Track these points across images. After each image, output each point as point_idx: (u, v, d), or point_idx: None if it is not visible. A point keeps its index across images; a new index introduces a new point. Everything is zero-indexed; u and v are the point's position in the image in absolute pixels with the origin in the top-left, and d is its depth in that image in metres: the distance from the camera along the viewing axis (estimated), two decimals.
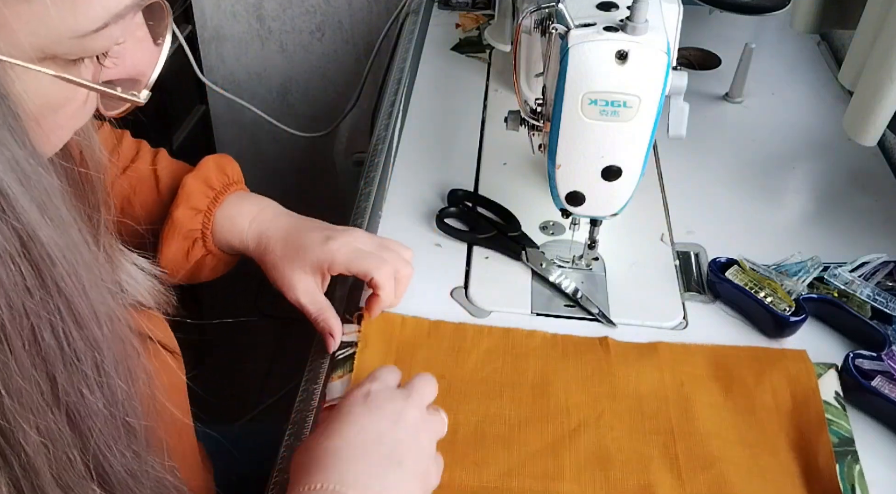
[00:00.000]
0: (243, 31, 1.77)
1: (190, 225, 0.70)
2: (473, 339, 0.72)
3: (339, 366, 0.70)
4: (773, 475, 0.62)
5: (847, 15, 0.92)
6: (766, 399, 0.67)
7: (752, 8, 1.00)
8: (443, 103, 1.06)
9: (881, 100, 0.73)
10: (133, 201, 0.72)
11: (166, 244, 0.70)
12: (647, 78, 0.61)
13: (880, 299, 0.71)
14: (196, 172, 0.72)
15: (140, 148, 0.75)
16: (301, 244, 0.71)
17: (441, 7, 1.28)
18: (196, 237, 0.71)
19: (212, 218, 0.71)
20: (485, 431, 0.65)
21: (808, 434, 0.64)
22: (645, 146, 0.65)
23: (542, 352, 0.71)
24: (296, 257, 0.70)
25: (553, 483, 0.62)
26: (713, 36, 1.18)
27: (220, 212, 0.72)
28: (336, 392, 0.68)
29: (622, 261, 0.81)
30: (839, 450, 0.63)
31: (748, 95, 1.05)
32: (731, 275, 0.76)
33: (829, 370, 0.69)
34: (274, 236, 0.72)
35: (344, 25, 1.73)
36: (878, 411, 0.66)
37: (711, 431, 0.65)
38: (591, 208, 0.71)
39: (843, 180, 0.93)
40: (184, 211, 0.70)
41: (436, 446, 0.59)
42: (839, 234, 0.84)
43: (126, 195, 0.72)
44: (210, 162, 0.73)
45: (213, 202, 0.71)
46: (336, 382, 0.69)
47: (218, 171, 0.73)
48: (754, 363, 0.70)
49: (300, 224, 0.73)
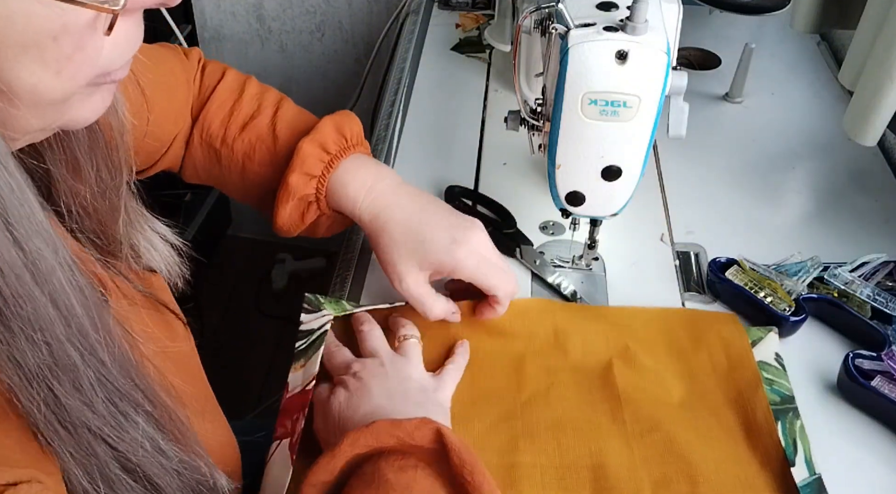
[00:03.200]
0: (243, 31, 1.77)
1: (304, 190, 0.70)
2: (428, 321, 0.73)
3: (300, 356, 0.71)
4: (715, 433, 0.64)
5: (847, 15, 0.92)
6: (703, 362, 0.70)
7: (752, 8, 1.00)
8: (443, 103, 1.06)
9: (881, 100, 0.73)
10: (253, 158, 0.73)
11: (282, 206, 0.71)
12: (647, 78, 0.61)
13: (880, 299, 0.71)
14: (312, 135, 0.70)
15: (262, 100, 0.74)
16: (423, 240, 0.68)
17: (441, 7, 1.28)
18: (311, 201, 0.71)
19: (325, 183, 0.70)
20: None
21: (746, 393, 0.67)
22: (645, 146, 0.65)
23: (492, 328, 0.73)
24: (414, 251, 0.68)
25: (508, 455, 0.63)
26: (713, 36, 1.18)
27: (335, 177, 0.70)
28: (297, 382, 0.69)
29: (622, 261, 0.81)
30: (781, 408, 0.65)
31: (748, 95, 1.05)
32: (731, 275, 0.76)
33: (770, 332, 0.71)
34: (392, 219, 0.69)
35: (344, 25, 1.73)
36: (877, 411, 0.66)
37: (655, 395, 0.67)
38: (591, 208, 0.71)
39: (843, 180, 0.93)
40: (298, 176, 0.69)
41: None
42: (839, 234, 0.85)
43: (247, 153, 0.73)
44: (328, 125, 0.72)
45: (327, 167, 0.70)
46: (297, 372, 0.69)
47: (336, 133, 0.72)
48: (689, 327, 0.72)
49: (422, 211, 0.70)
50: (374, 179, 0.71)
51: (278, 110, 0.74)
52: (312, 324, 0.73)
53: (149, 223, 0.55)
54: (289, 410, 0.66)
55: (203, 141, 0.74)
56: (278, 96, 0.76)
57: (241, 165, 0.73)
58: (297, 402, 0.66)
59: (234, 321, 1.91)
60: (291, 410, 0.66)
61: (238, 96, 0.74)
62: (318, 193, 0.71)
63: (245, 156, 0.73)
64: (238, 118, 0.73)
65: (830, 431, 0.66)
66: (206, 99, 0.74)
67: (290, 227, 0.73)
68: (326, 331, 0.71)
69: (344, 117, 0.73)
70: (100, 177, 0.50)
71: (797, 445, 0.62)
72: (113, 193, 0.51)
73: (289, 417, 0.66)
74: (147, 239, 0.55)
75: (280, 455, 0.63)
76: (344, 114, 0.74)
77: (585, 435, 0.64)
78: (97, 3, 0.35)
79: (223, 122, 0.73)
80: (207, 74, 0.76)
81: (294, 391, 0.68)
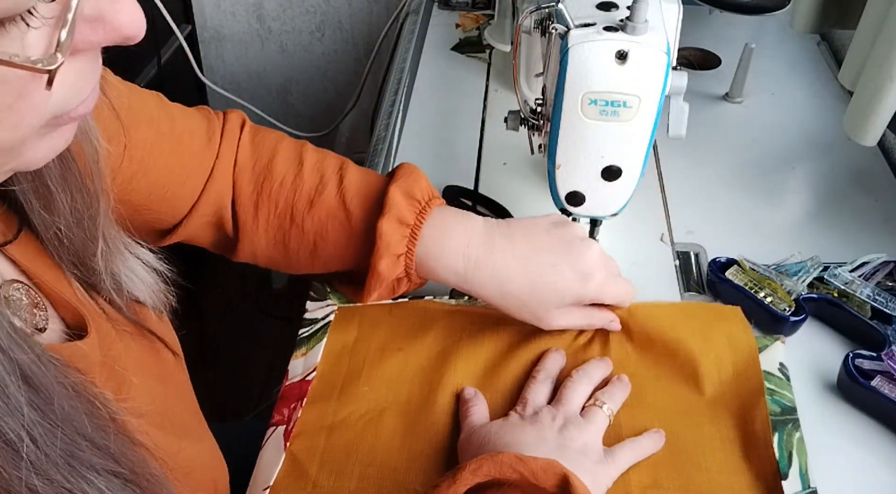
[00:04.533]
0: (243, 31, 1.77)
1: (394, 272, 0.68)
2: (433, 315, 0.73)
3: (303, 344, 0.71)
4: (712, 442, 0.64)
5: (847, 15, 0.92)
6: (708, 369, 0.68)
7: (752, 8, 1.00)
8: (443, 103, 1.06)
9: (881, 100, 0.73)
10: (326, 237, 0.69)
11: (374, 291, 0.69)
12: (647, 78, 0.61)
13: (880, 299, 0.71)
14: (387, 212, 0.66)
15: (323, 170, 0.70)
16: (554, 288, 0.66)
17: (441, 7, 1.28)
18: (401, 277, 0.69)
19: (413, 257, 0.67)
20: (436, 400, 0.67)
21: (747, 403, 0.66)
22: (645, 146, 0.65)
23: (500, 326, 0.72)
24: (547, 301, 0.67)
25: None
26: (713, 36, 1.18)
27: (421, 249, 0.67)
28: (297, 370, 0.69)
29: (622, 261, 0.80)
30: (781, 419, 0.65)
31: (748, 95, 1.05)
32: (731, 275, 0.76)
33: (776, 342, 0.71)
34: (512, 283, 0.66)
35: (344, 25, 1.73)
36: (877, 411, 0.66)
37: (653, 401, 0.67)
38: (591, 208, 0.71)
39: (843, 180, 0.93)
40: (387, 261, 0.66)
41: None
42: (839, 234, 0.84)
43: (318, 232, 0.69)
44: (397, 195, 0.67)
45: (410, 240, 0.67)
46: (299, 360, 0.70)
47: (408, 200, 0.67)
48: (695, 324, 0.71)
49: (529, 256, 0.67)
50: (463, 242, 0.67)
51: (343, 180, 0.69)
52: (317, 313, 0.73)
53: (131, 250, 0.52)
54: (287, 397, 0.67)
55: (269, 223, 0.69)
56: (339, 163, 0.71)
57: (313, 245, 0.69)
58: (296, 390, 0.67)
59: (234, 321, 1.91)
60: (290, 398, 0.67)
61: (299, 169, 0.69)
62: (408, 268, 0.68)
63: (317, 235, 0.69)
64: (303, 193, 0.69)
65: (830, 431, 0.66)
66: (264, 173, 0.69)
67: (378, 301, 0.72)
68: (330, 322, 0.72)
69: (409, 178, 0.69)
70: (74, 206, 0.46)
71: (792, 457, 0.62)
72: (89, 222, 0.48)
73: (286, 404, 0.66)
74: (129, 267, 0.52)
75: (274, 441, 0.64)
76: (407, 173, 0.70)
77: None
78: (29, 65, 0.31)
79: (288, 200, 0.69)
80: (258, 141, 0.71)
81: (294, 379, 0.68)
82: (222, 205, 0.69)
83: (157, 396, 0.53)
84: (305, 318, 0.73)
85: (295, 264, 0.72)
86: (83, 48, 0.34)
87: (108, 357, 0.48)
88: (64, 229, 0.46)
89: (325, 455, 0.63)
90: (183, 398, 0.59)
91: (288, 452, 0.63)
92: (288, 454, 0.63)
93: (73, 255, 0.48)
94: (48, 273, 0.47)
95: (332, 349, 0.71)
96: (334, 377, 0.69)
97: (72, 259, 0.48)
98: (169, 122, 0.65)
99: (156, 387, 0.54)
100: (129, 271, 0.52)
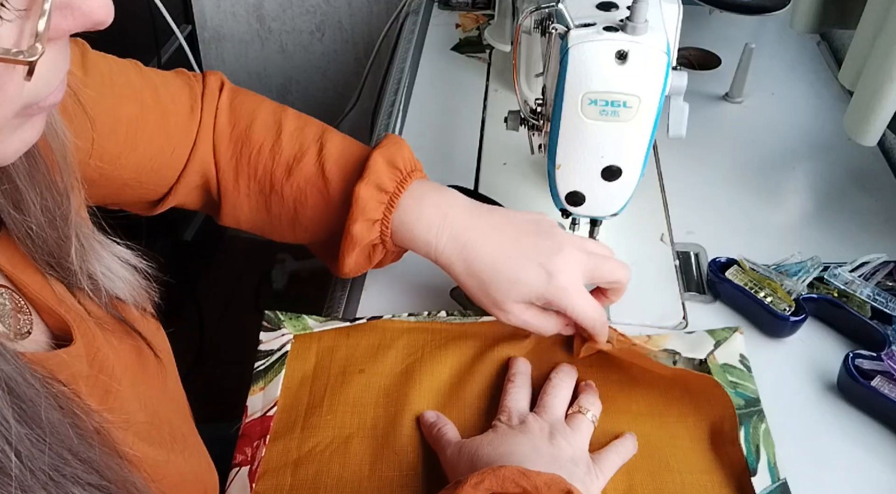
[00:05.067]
0: (243, 31, 1.77)
1: (368, 237, 0.67)
2: (392, 335, 0.72)
3: (260, 378, 0.69)
4: (682, 442, 0.64)
5: (847, 15, 0.92)
6: (667, 363, 0.67)
7: (752, 8, 1.00)
8: (443, 103, 1.06)
9: (881, 100, 0.73)
10: (305, 203, 0.69)
11: (347, 256, 0.68)
12: (647, 78, 0.61)
13: (880, 299, 0.71)
14: (367, 177, 0.66)
15: (303, 137, 0.69)
16: (516, 279, 0.65)
17: (441, 7, 1.28)
18: (375, 243, 0.68)
19: (389, 224, 0.67)
20: (403, 421, 0.65)
21: (714, 399, 0.66)
22: (645, 146, 0.65)
23: (460, 340, 0.72)
24: (508, 292, 0.65)
25: None
26: (713, 36, 1.18)
27: (397, 217, 0.67)
28: (257, 406, 0.66)
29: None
30: (746, 412, 0.64)
31: (748, 95, 1.05)
32: (731, 275, 0.76)
33: (735, 333, 0.71)
34: (476, 262, 0.66)
35: (344, 25, 1.73)
36: (877, 411, 0.66)
37: (620, 404, 0.67)
38: (591, 208, 0.71)
39: (843, 180, 0.93)
40: (361, 225, 0.66)
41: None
42: (839, 234, 0.84)
43: (297, 198, 0.69)
44: (379, 161, 0.67)
45: (387, 208, 0.67)
46: (257, 395, 0.67)
47: (389, 167, 0.67)
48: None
49: (502, 241, 0.66)
50: (439, 214, 0.67)
51: (323, 148, 0.69)
52: (272, 344, 0.71)
53: (106, 247, 0.51)
54: (249, 435, 0.64)
55: (250, 189, 0.69)
56: (319, 130, 0.71)
57: (293, 212, 0.69)
58: (258, 428, 0.64)
59: (234, 321, 1.90)
60: (251, 436, 0.64)
61: (277, 136, 0.69)
62: (383, 235, 0.67)
63: (296, 202, 0.69)
64: (281, 161, 0.68)
65: (830, 431, 0.66)
66: (241, 139, 0.69)
67: (356, 271, 0.70)
68: (287, 352, 0.70)
69: (392, 147, 0.69)
70: (45, 205, 0.45)
71: (760, 451, 0.61)
72: (61, 221, 0.47)
73: (248, 443, 0.63)
74: (105, 266, 0.50)
75: (239, 482, 0.61)
76: (391, 142, 0.69)
77: None
78: (10, 57, 0.31)
79: (266, 167, 0.68)
80: (237, 105, 0.70)
81: (254, 415, 0.66)
82: (208, 170, 0.69)
83: (146, 402, 0.52)
84: (260, 350, 0.70)
85: (279, 231, 0.72)
86: (54, 37, 0.34)
87: (94, 364, 0.47)
88: (35, 229, 0.45)
89: (292, 493, 0.61)
90: (172, 404, 0.58)
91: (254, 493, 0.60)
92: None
93: (47, 255, 0.47)
94: (31, 278, 0.46)
95: (291, 380, 0.69)
96: (296, 410, 0.66)
97: (47, 260, 0.47)
98: (152, 91, 0.64)
99: (144, 393, 0.52)
100: (106, 270, 0.51)
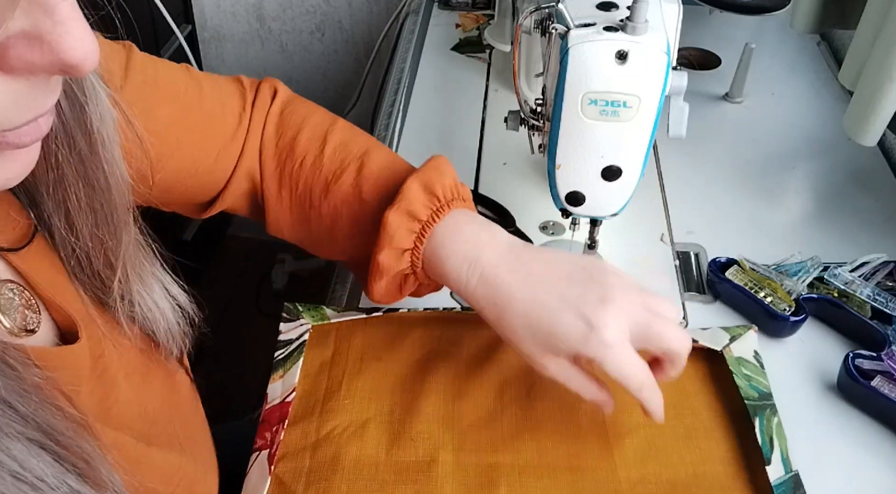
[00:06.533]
0: (243, 31, 1.77)
1: (397, 267, 0.62)
2: (409, 324, 0.73)
3: (279, 366, 0.70)
4: (695, 433, 0.65)
5: (847, 15, 0.92)
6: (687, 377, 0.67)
7: (752, 8, 1.00)
8: (443, 103, 1.06)
9: (881, 100, 0.73)
10: (340, 224, 0.65)
11: (374, 283, 0.63)
12: (647, 78, 0.61)
13: (880, 299, 0.71)
14: (398, 202, 0.61)
15: (345, 154, 0.66)
16: (552, 332, 0.57)
17: (441, 7, 1.28)
18: (406, 274, 0.63)
19: (420, 255, 0.61)
20: (421, 409, 0.66)
21: (727, 392, 0.66)
22: (645, 146, 0.65)
23: (477, 329, 0.72)
24: (546, 344, 0.57)
25: (487, 455, 0.63)
26: (713, 36, 1.18)
27: (430, 248, 0.61)
28: (276, 393, 0.68)
29: (622, 261, 0.81)
30: (759, 404, 0.65)
31: (748, 95, 1.05)
32: (731, 275, 0.76)
33: (749, 330, 0.72)
34: (509, 310, 0.58)
35: (344, 25, 1.73)
36: (877, 411, 0.66)
37: (634, 399, 0.65)
38: (591, 208, 0.71)
39: (843, 180, 0.93)
40: (388, 253, 0.61)
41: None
42: (839, 234, 0.85)
43: (333, 218, 0.65)
44: (414, 186, 0.61)
45: (419, 237, 0.61)
46: (277, 383, 0.69)
47: (425, 193, 0.62)
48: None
49: (539, 289, 0.58)
50: (473, 252, 0.60)
51: (363, 167, 0.65)
52: (291, 334, 0.72)
53: (157, 281, 0.51)
54: (268, 421, 0.66)
55: (292, 202, 0.66)
56: (364, 147, 0.66)
57: (330, 230, 0.66)
58: (277, 413, 0.66)
59: (234, 321, 1.90)
60: (271, 421, 0.66)
61: (320, 150, 0.66)
62: (414, 266, 0.62)
63: (333, 221, 0.65)
64: (321, 178, 0.65)
65: (830, 431, 0.66)
66: (286, 150, 0.66)
67: (387, 299, 0.65)
68: (305, 342, 0.71)
69: (433, 171, 0.63)
70: (95, 234, 0.46)
71: (773, 442, 0.62)
72: (111, 252, 0.47)
73: (268, 428, 0.65)
74: (153, 300, 0.50)
75: (258, 466, 0.63)
76: (433, 166, 0.64)
77: (564, 436, 0.64)
78: None
79: (307, 182, 0.65)
80: (287, 114, 0.68)
81: (273, 402, 0.67)
82: (255, 177, 0.67)
83: (150, 404, 0.52)
84: (280, 340, 0.72)
85: (318, 246, 0.69)
86: (18, 67, 0.30)
87: (98, 365, 0.48)
88: (81, 252, 0.46)
89: (311, 475, 0.62)
90: (180, 408, 0.58)
91: (273, 476, 0.62)
92: (273, 477, 0.62)
93: (90, 277, 0.48)
94: (48, 276, 0.47)
95: (309, 367, 0.70)
96: (314, 395, 0.68)
97: (90, 280, 0.48)
98: (197, 95, 0.63)
99: (148, 394, 0.53)
100: (153, 304, 0.50)
